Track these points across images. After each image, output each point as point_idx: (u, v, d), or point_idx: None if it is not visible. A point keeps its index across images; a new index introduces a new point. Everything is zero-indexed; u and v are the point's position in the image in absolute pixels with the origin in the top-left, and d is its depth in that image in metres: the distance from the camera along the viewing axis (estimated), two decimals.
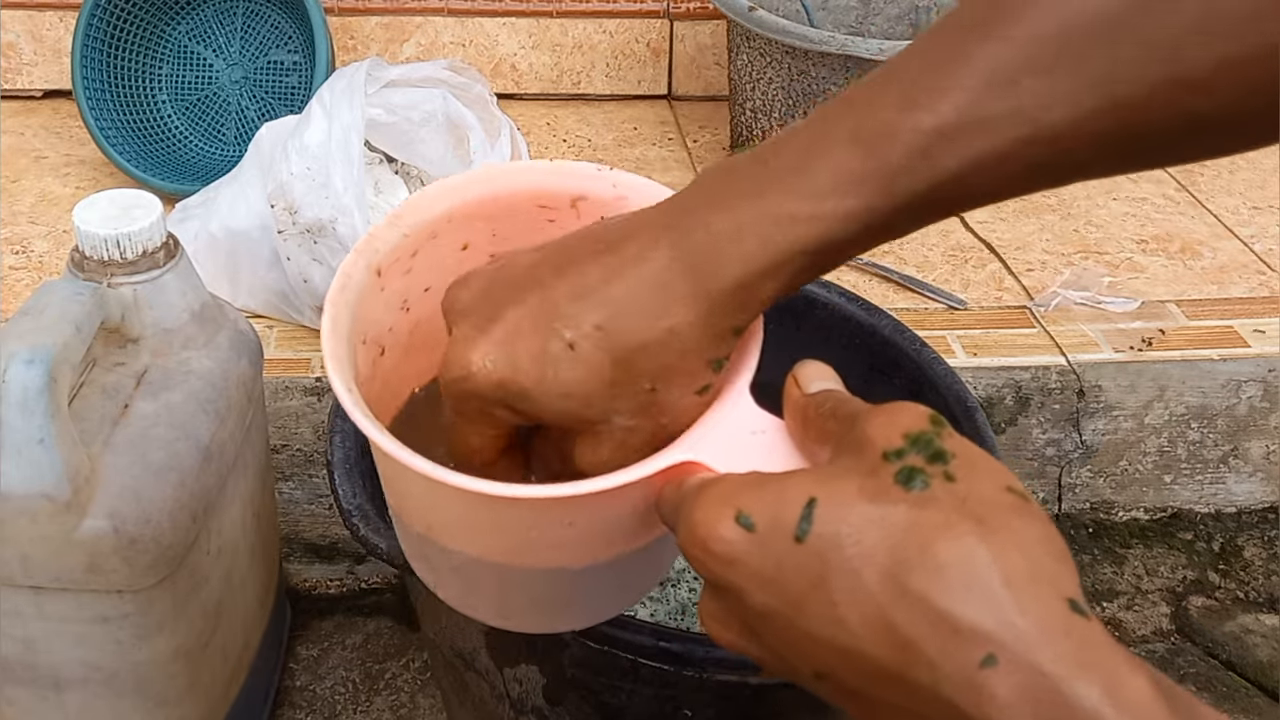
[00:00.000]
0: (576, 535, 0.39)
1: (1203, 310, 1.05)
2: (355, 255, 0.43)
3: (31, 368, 0.54)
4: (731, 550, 0.32)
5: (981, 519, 0.29)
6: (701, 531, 0.32)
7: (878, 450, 0.31)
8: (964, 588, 0.28)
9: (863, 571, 0.29)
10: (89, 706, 0.66)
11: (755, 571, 0.31)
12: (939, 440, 0.31)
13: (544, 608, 0.44)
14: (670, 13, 1.33)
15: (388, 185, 0.96)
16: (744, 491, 0.32)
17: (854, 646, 0.29)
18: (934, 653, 0.28)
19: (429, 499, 0.40)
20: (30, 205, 1.11)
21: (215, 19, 1.17)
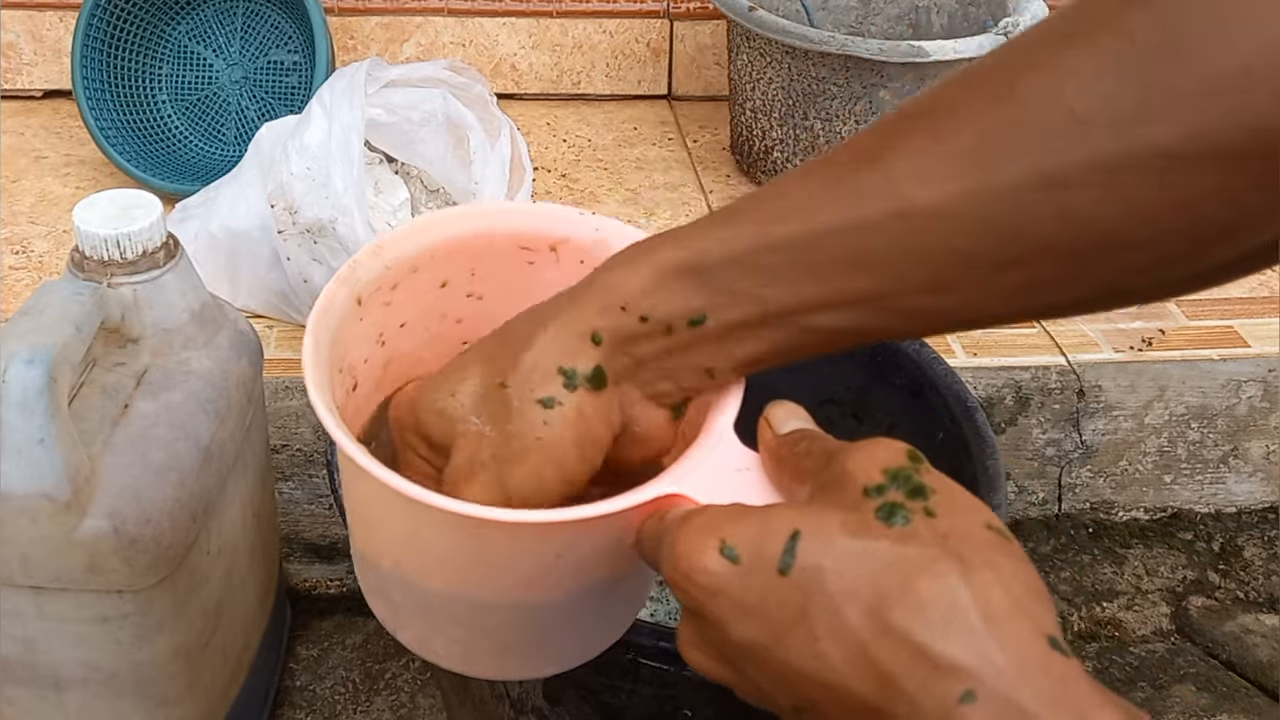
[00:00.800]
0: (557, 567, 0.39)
1: (1203, 310, 1.05)
2: (338, 282, 0.44)
3: (31, 368, 0.54)
4: (715, 581, 0.32)
5: (962, 556, 0.29)
6: (685, 563, 0.32)
7: (858, 486, 0.32)
8: (945, 624, 0.28)
9: (845, 606, 0.29)
10: (89, 706, 0.66)
11: (738, 603, 0.31)
12: (918, 475, 0.32)
13: (511, 651, 0.44)
14: (670, 13, 1.33)
15: (388, 185, 0.96)
16: (728, 523, 0.32)
17: (835, 681, 0.29)
18: (914, 688, 0.28)
19: (405, 526, 0.40)
20: (30, 205, 1.11)
21: (215, 19, 1.17)
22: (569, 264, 0.46)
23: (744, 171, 1.22)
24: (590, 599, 0.41)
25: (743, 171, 1.22)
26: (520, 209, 0.47)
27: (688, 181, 1.21)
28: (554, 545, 0.38)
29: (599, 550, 0.39)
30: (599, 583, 0.41)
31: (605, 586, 0.41)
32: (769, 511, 0.32)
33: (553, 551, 0.38)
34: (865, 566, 0.30)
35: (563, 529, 0.37)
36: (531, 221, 0.46)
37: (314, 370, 0.40)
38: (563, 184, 1.20)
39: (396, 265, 0.45)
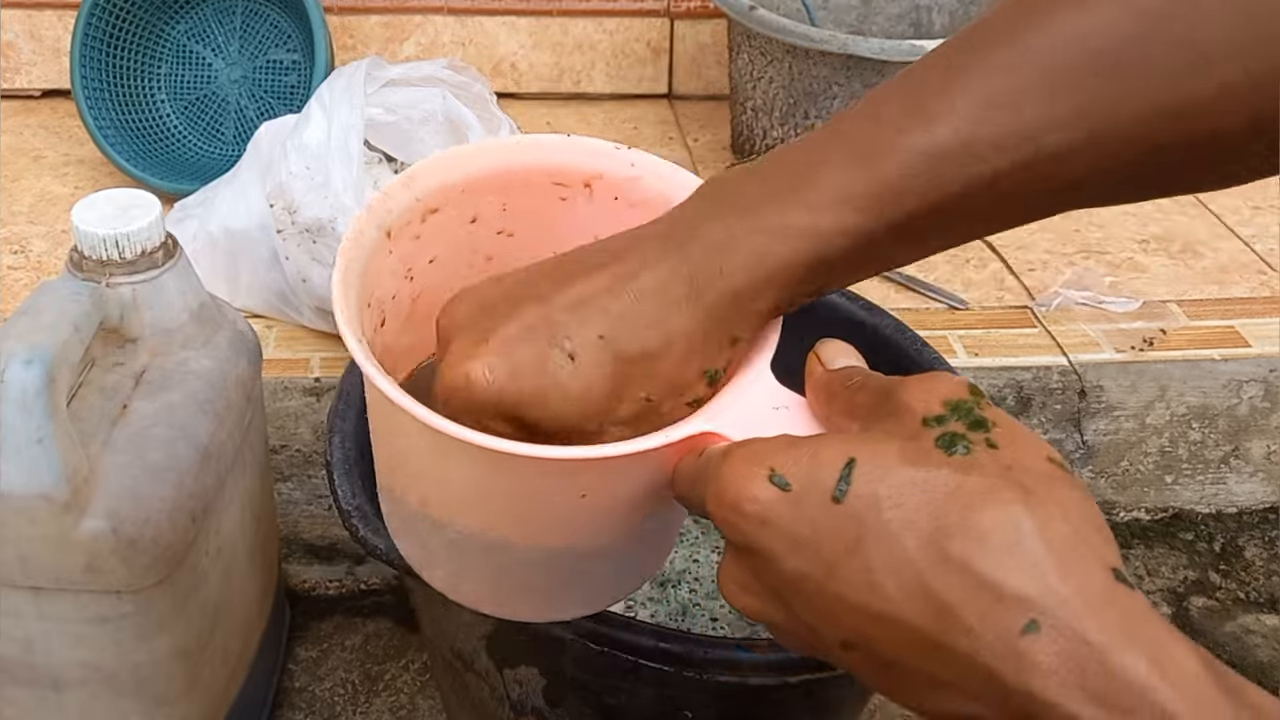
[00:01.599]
0: (586, 508, 0.38)
1: (1204, 310, 1.05)
2: (368, 213, 0.42)
3: (30, 368, 0.54)
4: (764, 510, 0.31)
5: (1026, 487, 0.29)
6: (733, 491, 0.31)
7: (917, 416, 0.31)
8: (1007, 554, 0.27)
9: (902, 535, 0.28)
10: (88, 707, 0.66)
11: (788, 533, 0.30)
12: (979, 409, 0.31)
13: (540, 592, 0.43)
14: (670, 12, 1.33)
15: (387, 184, 0.96)
16: (777, 452, 0.31)
17: (890, 612, 0.28)
18: (974, 619, 0.27)
19: (433, 462, 0.39)
20: (29, 205, 1.11)
21: (214, 18, 1.17)
22: (603, 200, 0.45)
23: None
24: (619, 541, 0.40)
25: None
26: (554, 142, 0.45)
27: None
28: (581, 483, 0.37)
29: (629, 490, 0.38)
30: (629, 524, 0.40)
31: (635, 528, 0.40)
32: (821, 439, 0.31)
33: (579, 490, 0.37)
34: (924, 495, 0.29)
35: (590, 466, 0.36)
36: (566, 156, 0.45)
37: (343, 302, 0.39)
38: None
39: (427, 197, 0.44)
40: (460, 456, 0.37)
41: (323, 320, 0.93)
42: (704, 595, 0.85)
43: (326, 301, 0.89)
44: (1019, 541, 0.28)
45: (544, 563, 0.41)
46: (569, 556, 0.40)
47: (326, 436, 0.66)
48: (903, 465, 0.30)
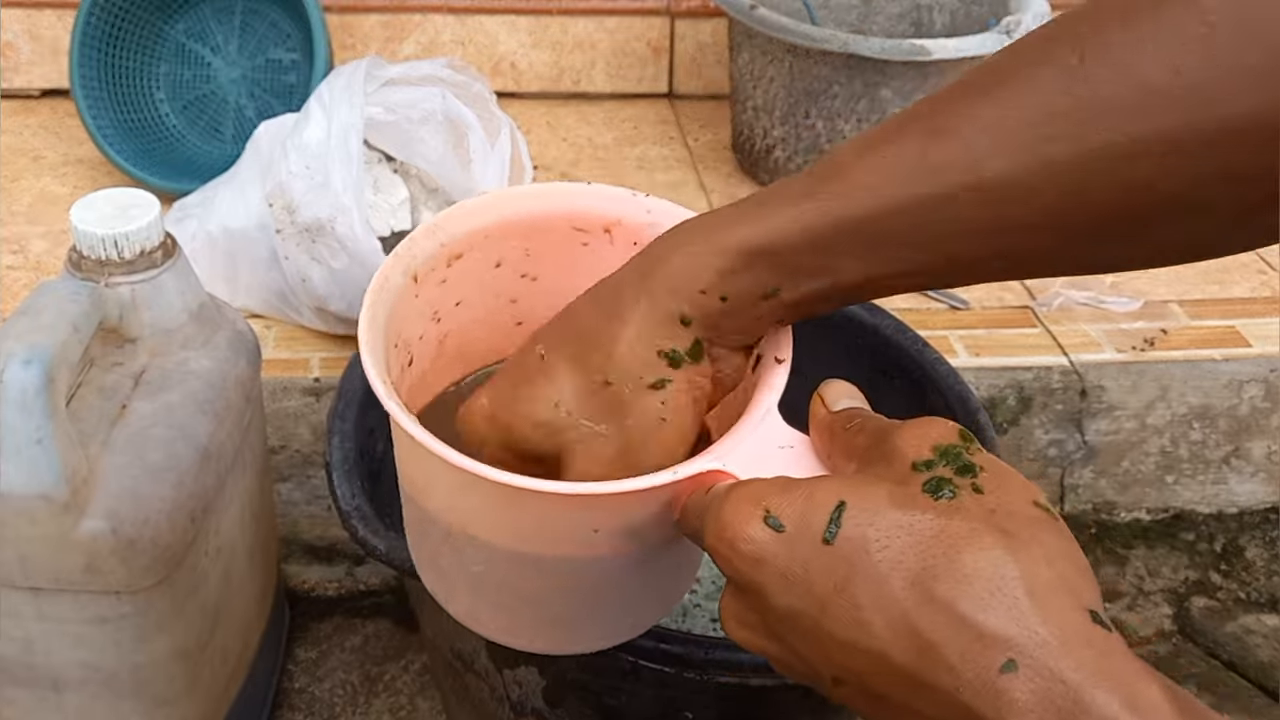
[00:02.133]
0: (600, 541, 0.40)
1: (1204, 310, 1.04)
2: (394, 259, 0.44)
3: (29, 368, 0.54)
4: (759, 550, 0.32)
5: (1008, 531, 0.30)
6: (729, 532, 0.33)
7: (907, 461, 0.32)
8: (988, 595, 0.29)
9: (889, 576, 0.30)
10: (88, 707, 0.66)
11: (781, 572, 0.32)
12: (967, 454, 0.32)
13: (559, 623, 0.45)
14: (671, 11, 1.33)
15: (386, 184, 0.96)
16: (773, 493, 0.33)
17: (877, 649, 0.30)
18: (955, 658, 0.28)
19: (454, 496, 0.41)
20: (28, 205, 1.11)
21: (213, 17, 1.17)
22: (622, 245, 0.47)
23: (745, 170, 1.22)
24: (635, 573, 0.42)
25: (744, 170, 1.22)
26: (575, 190, 0.47)
27: (688, 180, 1.21)
28: (593, 517, 0.39)
29: (640, 524, 0.39)
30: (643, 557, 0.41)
31: (650, 561, 0.42)
32: (815, 483, 0.33)
33: (591, 524, 0.39)
34: (910, 538, 0.30)
35: (600, 501, 0.37)
36: (586, 202, 0.47)
37: (369, 345, 0.41)
38: None
39: (451, 244, 0.46)
40: (477, 490, 0.38)
41: (322, 320, 0.93)
42: (704, 596, 0.85)
43: (325, 301, 0.89)
44: (1000, 584, 0.29)
45: (560, 594, 0.42)
46: (585, 588, 0.42)
47: (326, 437, 0.66)
48: (891, 509, 0.31)
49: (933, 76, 1.06)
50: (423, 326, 0.46)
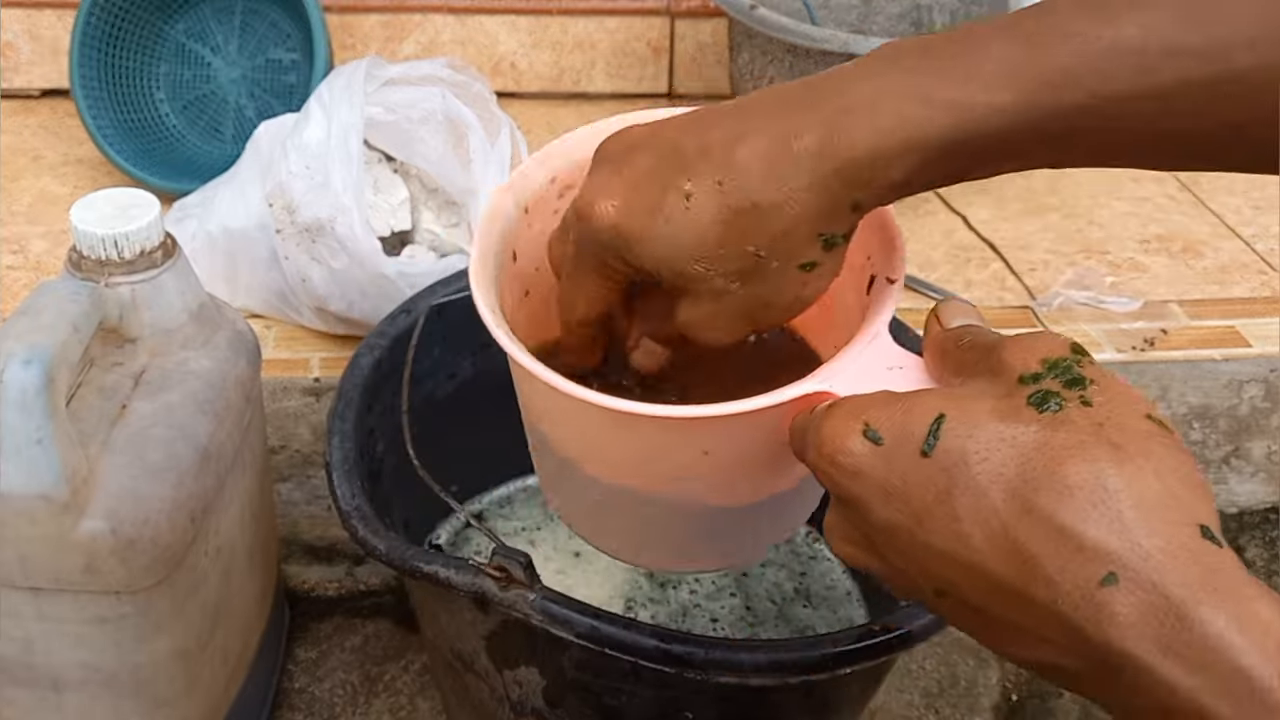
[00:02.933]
0: (710, 464, 0.40)
1: (1205, 310, 1.04)
2: (504, 191, 0.45)
3: (29, 368, 0.54)
4: (857, 463, 0.32)
5: (1116, 444, 0.29)
6: (829, 446, 0.33)
7: (1014, 374, 0.32)
8: (1090, 507, 0.28)
9: (989, 488, 0.29)
10: (88, 708, 0.66)
11: (880, 484, 0.32)
12: (1078, 367, 0.32)
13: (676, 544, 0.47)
14: (671, 11, 1.33)
15: (387, 184, 0.96)
16: (873, 407, 0.33)
17: (975, 561, 0.29)
18: (1054, 570, 0.28)
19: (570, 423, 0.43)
20: (28, 205, 1.11)
21: (213, 17, 1.17)
22: None
23: None
24: (747, 497, 0.43)
25: None
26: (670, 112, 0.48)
27: None
28: (701, 440, 0.40)
29: (750, 447, 0.40)
30: (756, 481, 0.42)
31: (763, 486, 0.43)
32: (916, 396, 0.33)
33: (701, 446, 0.40)
34: (1012, 450, 0.30)
35: (706, 424, 0.38)
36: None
37: (479, 277, 0.42)
38: None
39: (561, 176, 0.47)
40: (589, 416, 0.40)
41: (322, 320, 0.93)
42: (704, 596, 0.85)
43: (325, 301, 0.89)
44: (1103, 496, 0.28)
45: (678, 516, 0.44)
46: (699, 510, 0.43)
47: (326, 437, 0.66)
48: (992, 421, 0.30)
49: None
50: (539, 258, 0.46)
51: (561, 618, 0.55)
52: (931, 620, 0.57)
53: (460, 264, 0.85)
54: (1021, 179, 1.23)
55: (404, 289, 0.84)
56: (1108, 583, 0.27)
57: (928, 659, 0.91)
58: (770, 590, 0.85)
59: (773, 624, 0.83)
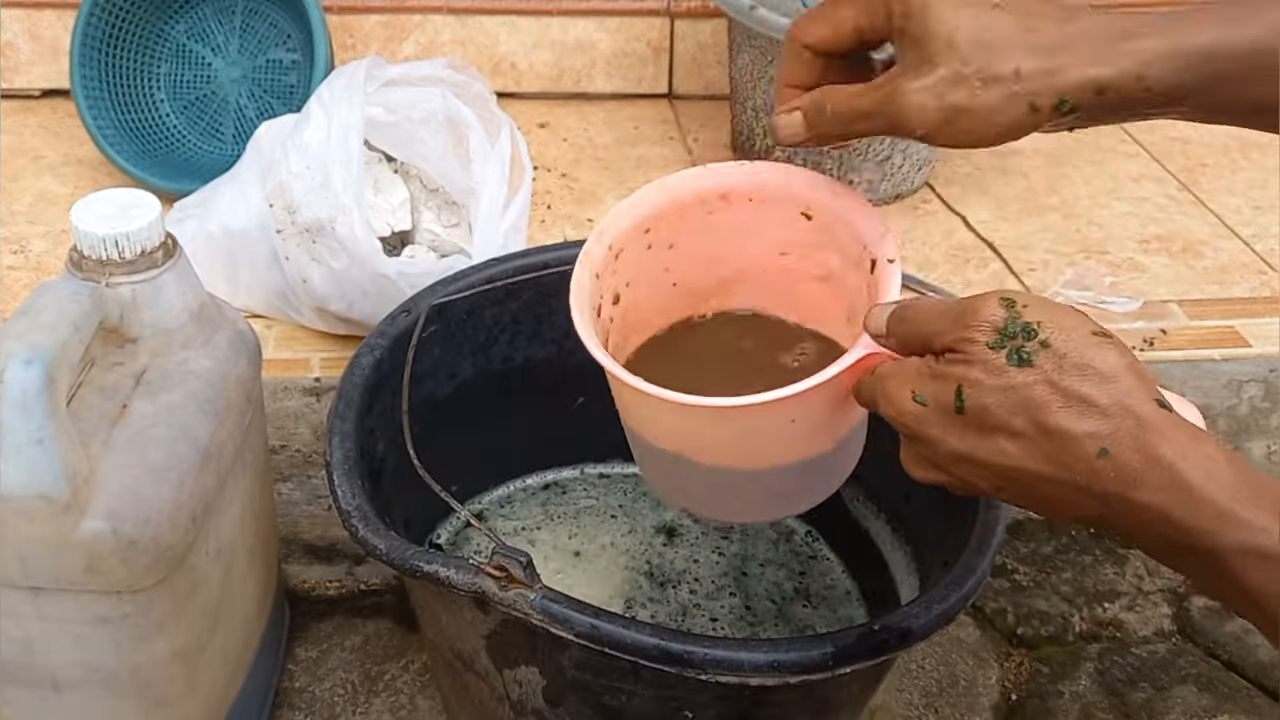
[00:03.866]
0: (797, 431, 0.52)
1: (1204, 310, 1.04)
2: (580, 266, 0.57)
3: (30, 368, 0.54)
4: (917, 416, 0.45)
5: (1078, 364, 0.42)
6: (894, 407, 0.46)
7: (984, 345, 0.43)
8: (1077, 413, 0.42)
9: (1010, 420, 0.42)
10: (88, 707, 0.66)
11: (937, 429, 0.45)
12: (1022, 318, 0.43)
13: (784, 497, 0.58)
14: (671, 11, 1.33)
15: (387, 184, 0.96)
16: (914, 380, 0.46)
17: (1016, 465, 0.43)
18: (1067, 458, 0.42)
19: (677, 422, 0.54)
20: (28, 205, 1.11)
21: (214, 17, 1.17)
22: (738, 204, 0.59)
23: None
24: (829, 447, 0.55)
25: None
26: (695, 173, 0.60)
27: None
28: (791, 411, 0.51)
29: (826, 409, 0.52)
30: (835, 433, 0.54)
31: (839, 436, 0.55)
32: (940, 373, 0.45)
33: (789, 417, 0.52)
34: (1015, 396, 0.42)
35: (799, 398, 0.49)
36: (705, 181, 0.59)
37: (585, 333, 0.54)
38: (563, 183, 1.19)
39: (615, 242, 0.59)
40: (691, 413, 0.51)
41: (322, 320, 0.93)
42: (704, 595, 0.85)
43: (326, 301, 0.89)
44: (1082, 402, 0.42)
45: (778, 477, 0.55)
46: (795, 468, 0.55)
47: (326, 437, 0.66)
48: (992, 379, 0.43)
49: None
50: (608, 310, 0.59)
51: (561, 617, 0.55)
52: (931, 620, 0.57)
53: (460, 264, 0.85)
54: (1021, 179, 1.23)
55: (404, 289, 0.84)
56: (1101, 456, 0.41)
57: (927, 659, 0.91)
58: (770, 590, 0.85)
59: (772, 623, 0.83)
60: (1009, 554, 1.00)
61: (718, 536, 0.89)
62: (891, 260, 0.53)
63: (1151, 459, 0.40)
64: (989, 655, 0.93)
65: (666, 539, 0.88)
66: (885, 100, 0.49)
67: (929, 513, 0.73)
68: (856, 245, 0.56)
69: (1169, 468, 0.40)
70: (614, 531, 0.88)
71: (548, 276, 0.80)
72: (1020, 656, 0.93)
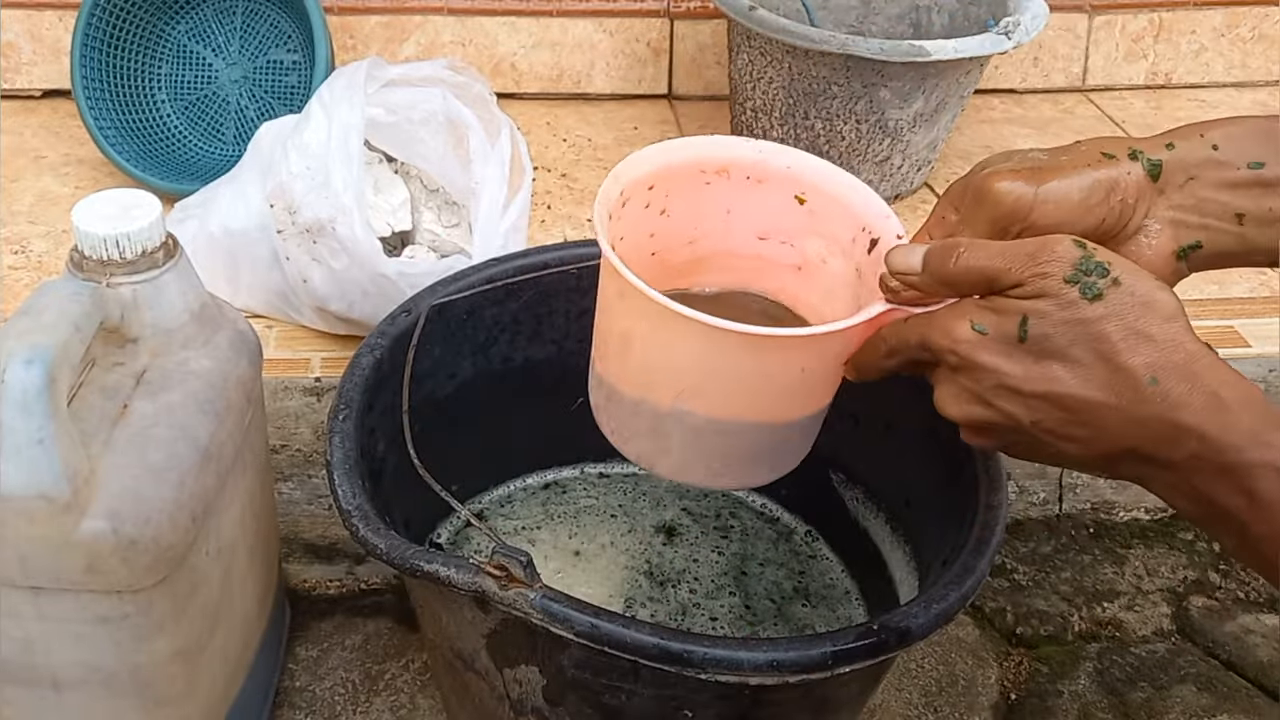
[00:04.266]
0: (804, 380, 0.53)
1: (1204, 310, 1.05)
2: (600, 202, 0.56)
3: (30, 368, 0.54)
4: (972, 343, 0.47)
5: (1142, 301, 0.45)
6: (950, 336, 0.48)
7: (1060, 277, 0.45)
8: (1131, 347, 0.45)
9: (1069, 349, 0.45)
10: (88, 707, 0.66)
11: (993, 355, 0.47)
12: (1096, 257, 0.46)
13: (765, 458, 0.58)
14: (670, 12, 1.33)
15: (387, 185, 0.96)
16: (972, 310, 0.48)
17: (1067, 392, 0.46)
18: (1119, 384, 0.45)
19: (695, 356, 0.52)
20: (29, 205, 1.11)
21: (214, 18, 1.17)
22: (737, 180, 0.60)
23: None
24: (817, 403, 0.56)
25: None
26: (701, 141, 0.60)
27: None
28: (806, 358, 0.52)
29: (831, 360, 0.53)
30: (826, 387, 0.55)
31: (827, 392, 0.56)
32: (1002, 306, 0.47)
33: (801, 365, 0.52)
34: (1081, 329, 0.45)
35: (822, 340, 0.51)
36: (709, 150, 0.60)
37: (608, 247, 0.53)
38: (563, 183, 1.20)
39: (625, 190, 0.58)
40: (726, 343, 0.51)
41: (323, 320, 0.93)
42: (704, 595, 0.85)
43: (326, 301, 0.89)
44: (1137, 337, 0.45)
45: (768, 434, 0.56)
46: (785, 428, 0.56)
47: (327, 436, 0.66)
48: (1060, 312, 0.45)
49: (931, 77, 1.07)
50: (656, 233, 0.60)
51: (561, 616, 0.55)
52: (930, 619, 0.57)
53: (460, 264, 0.85)
54: None
55: (404, 289, 0.84)
56: (1151, 384, 0.44)
57: (927, 658, 0.91)
58: (769, 589, 0.85)
59: (772, 623, 0.83)
60: (1008, 553, 1.00)
61: (717, 536, 0.89)
62: (900, 237, 0.55)
63: (1195, 386, 0.44)
64: (988, 655, 0.93)
65: (666, 538, 0.89)
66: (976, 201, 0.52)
67: (929, 512, 0.73)
68: (850, 228, 0.57)
69: (1211, 393, 0.44)
70: (614, 531, 0.89)
71: (548, 276, 0.80)
72: (1019, 656, 0.93)
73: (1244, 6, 1.42)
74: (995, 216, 0.51)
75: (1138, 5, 1.41)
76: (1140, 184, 0.52)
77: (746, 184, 0.60)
